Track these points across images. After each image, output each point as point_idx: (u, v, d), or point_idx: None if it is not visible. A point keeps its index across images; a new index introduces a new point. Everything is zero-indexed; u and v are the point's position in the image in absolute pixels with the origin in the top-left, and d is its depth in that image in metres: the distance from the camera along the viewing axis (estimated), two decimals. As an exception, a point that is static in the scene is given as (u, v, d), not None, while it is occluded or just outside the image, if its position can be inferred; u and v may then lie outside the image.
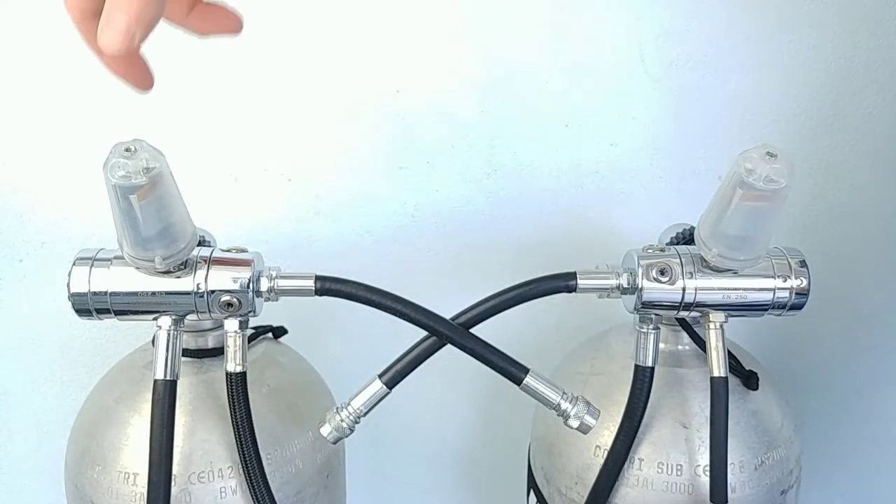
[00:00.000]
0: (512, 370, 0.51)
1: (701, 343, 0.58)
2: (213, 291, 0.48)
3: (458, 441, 0.90)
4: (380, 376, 0.51)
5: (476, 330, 0.51)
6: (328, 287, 0.50)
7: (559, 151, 0.77)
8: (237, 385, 0.51)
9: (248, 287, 0.49)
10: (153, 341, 0.55)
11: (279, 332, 0.64)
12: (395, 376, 0.51)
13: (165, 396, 0.49)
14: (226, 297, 0.49)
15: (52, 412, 0.84)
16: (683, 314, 0.54)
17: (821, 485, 0.89)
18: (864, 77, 0.74)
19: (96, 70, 0.40)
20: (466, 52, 0.73)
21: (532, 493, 0.66)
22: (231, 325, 0.51)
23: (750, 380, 0.58)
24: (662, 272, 0.51)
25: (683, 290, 0.51)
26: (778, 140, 0.76)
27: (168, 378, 0.49)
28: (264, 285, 0.50)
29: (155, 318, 0.49)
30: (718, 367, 0.51)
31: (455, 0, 0.72)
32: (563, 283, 0.51)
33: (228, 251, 0.50)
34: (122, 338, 0.81)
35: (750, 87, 0.75)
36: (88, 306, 0.48)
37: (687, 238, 0.56)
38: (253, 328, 0.61)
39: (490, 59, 0.73)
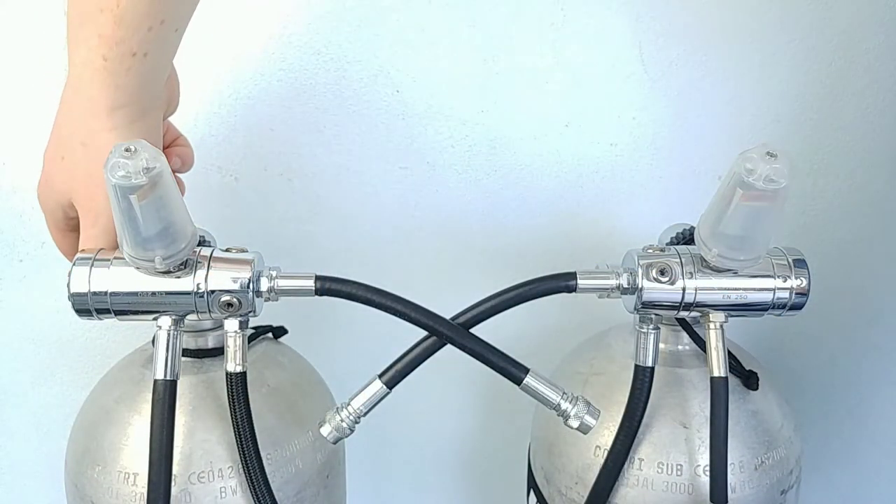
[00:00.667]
0: (512, 370, 0.51)
1: (701, 343, 0.58)
2: (213, 291, 0.48)
3: (458, 441, 0.90)
4: (380, 376, 0.51)
5: (476, 330, 0.51)
6: (328, 287, 0.50)
7: (559, 151, 0.77)
8: (237, 385, 0.51)
9: (248, 287, 0.49)
10: (153, 341, 0.55)
11: (279, 332, 0.64)
12: (395, 376, 0.51)
13: (165, 396, 0.49)
14: (226, 297, 0.48)
15: (52, 412, 0.84)
16: (683, 314, 0.53)
17: (821, 485, 0.89)
18: (864, 77, 0.74)
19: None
20: (466, 52, 0.73)
21: (532, 493, 0.66)
22: (231, 325, 0.50)
23: (750, 380, 0.58)
24: (662, 272, 0.51)
25: (683, 290, 0.51)
26: (778, 140, 0.76)
27: (168, 378, 0.49)
28: (264, 285, 0.50)
29: (155, 318, 0.49)
30: (718, 367, 0.51)
31: (455, 0, 0.72)
32: (563, 283, 0.51)
33: (228, 251, 0.50)
34: (122, 338, 0.81)
35: (750, 87, 0.75)
36: (88, 306, 0.48)
37: (687, 238, 0.56)
38: (253, 328, 0.61)
39: (490, 60, 0.74)
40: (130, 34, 0.44)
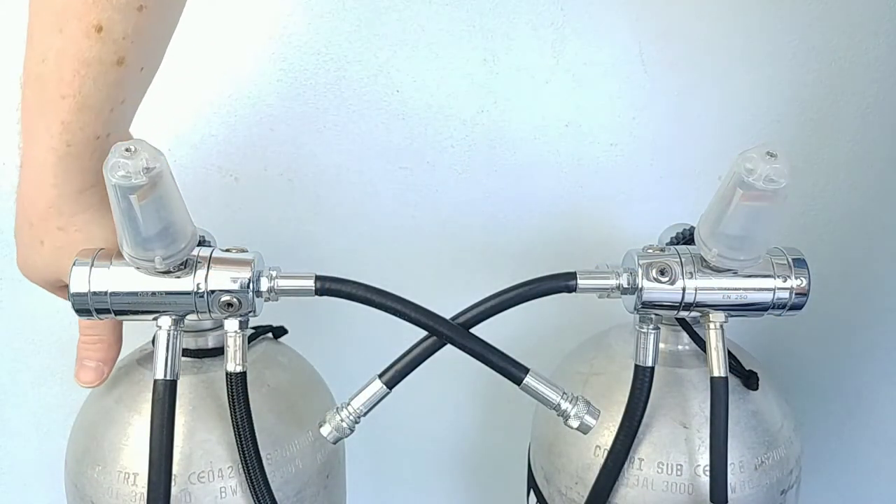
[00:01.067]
0: (512, 370, 0.51)
1: (701, 343, 0.58)
2: (213, 291, 0.48)
3: (458, 441, 0.90)
4: (380, 376, 0.51)
5: (476, 330, 0.51)
6: (328, 287, 0.50)
7: (559, 151, 0.77)
8: (237, 385, 0.51)
9: (248, 287, 0.49)
10: (153, 341, 0.55)
11: (279, 332, 0.64)
12: (395, 376, 0.51)
13: (165, 396, 0.49)
14: (226, 297, 0.48)
15: (52, 412, 0.84)
16: (683, 314, 0.53)
17: (821, 485, 0.89)
18: (864, 77, 0.74)
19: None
20: (466, 52, 0.73)
21: (532, 493, 0.66)
22: (231, 325, 0.50)
23: (750, 380, 0.58)
24: (662, 272, 0.51)
25: (683, 290, 0.51)
26: (778, 140, 0.76)
27: (168, 378, 0.49)
28: (264, 285, 0.50)
29: (155, 318, 0.49)
30: (718, 367, 0.51)
31: (455, 0, 0.72)
32: (563, 283, 0.51)
33: (228, 251, 0.50)
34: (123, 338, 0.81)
35: (750, 87, 0.75)
36: (88, 306, 0.48)
37: (687, 238, 0.56)
38: (253, 328, 0.61)
39: (490, 60, 0.73)
40: (93, 118, 0.44)
